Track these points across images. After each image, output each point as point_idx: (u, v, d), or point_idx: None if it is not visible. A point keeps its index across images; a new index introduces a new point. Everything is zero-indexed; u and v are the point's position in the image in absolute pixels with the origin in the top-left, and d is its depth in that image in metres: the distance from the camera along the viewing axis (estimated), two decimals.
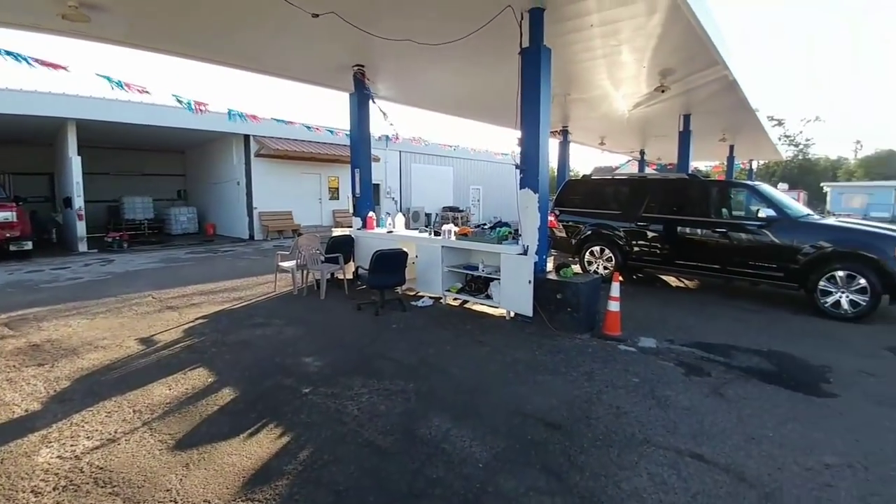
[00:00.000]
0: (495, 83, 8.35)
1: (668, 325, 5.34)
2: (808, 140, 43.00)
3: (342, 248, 6.91)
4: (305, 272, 6.77)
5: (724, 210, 7.21)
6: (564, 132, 13.38)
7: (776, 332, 5.13)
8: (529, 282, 5.21)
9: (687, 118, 11.17)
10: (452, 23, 5.51)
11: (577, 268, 6.99)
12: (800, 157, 40.31)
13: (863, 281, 5.54)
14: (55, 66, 5.82)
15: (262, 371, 3.83)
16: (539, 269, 5.33)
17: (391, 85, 8.52)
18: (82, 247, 12.20)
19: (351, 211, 7.75)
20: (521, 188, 5.46)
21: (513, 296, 5.41)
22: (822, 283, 5.82)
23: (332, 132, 13.60)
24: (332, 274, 6.62)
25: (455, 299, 6.27)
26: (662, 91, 8.06)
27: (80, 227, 12.22)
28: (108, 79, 6.99)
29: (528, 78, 5.32)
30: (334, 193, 17.90)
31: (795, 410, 3.25)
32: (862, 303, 5.55)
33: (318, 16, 5.18)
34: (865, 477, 2.52)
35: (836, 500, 2.33)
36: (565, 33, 5.86)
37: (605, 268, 8.01)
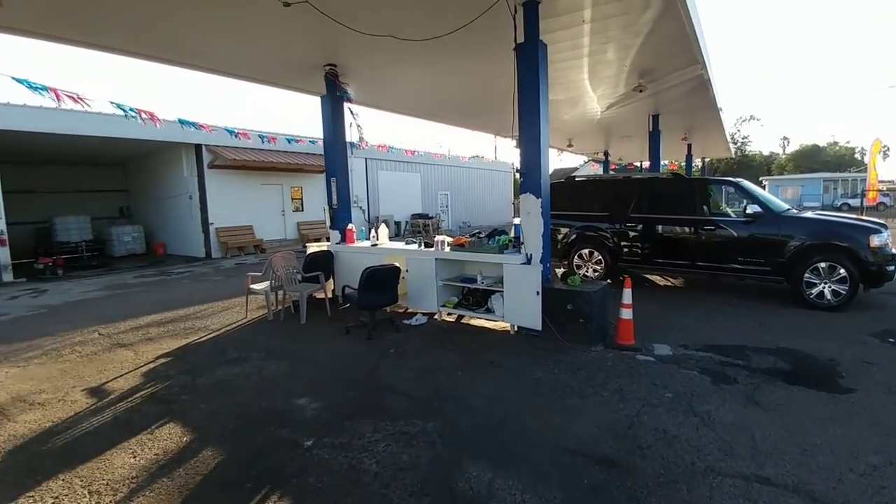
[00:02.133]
0: (478, 84, 8.03)
1: (673, 329, 5.14)
2: (745, 138, 46.03)
3: (321, 265, 6.24)
4: (281, 294, 6.06)
5: (711, 207, 7.21)
6: None
7: (775, 328, 5.15)
8: (537, 293, 4.81)
9: (656, 118, 11.29)
10: (439, 17, 5.09)
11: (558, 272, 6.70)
12: (739, 154, 43.01)
13: (843, 271, 5.71)
14: None
15: (249, 421, 3.18)
16: (544, 278, 4.96)
17: (364, 87, 7.95)
18: (6, 276, 10.71)
19: (328, 224, 7.09)
20: (521, 192, 5.08)
21: (519, 309, 4.99)
22: (806, 275, 5.93)
23: (290, 140, 12.76)
24: (312, 294, 5.96)
25: (451, 315, 5.78)
26: (641, 91, 7.98)
27: (3, 254, 10.73)
28: (27, 83, 6.01)
29: (525, 76, 4.98)
30: (298, 205, 16.95)
31: (828, 411, 3.21)
32: (842, 292, 5.73)
33: (289, 5, 4.58)
34: None
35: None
36: (555, 29, 5.58)
37: (595, 271, 7.80)
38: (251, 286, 6.05)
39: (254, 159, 14.33)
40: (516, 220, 5.45)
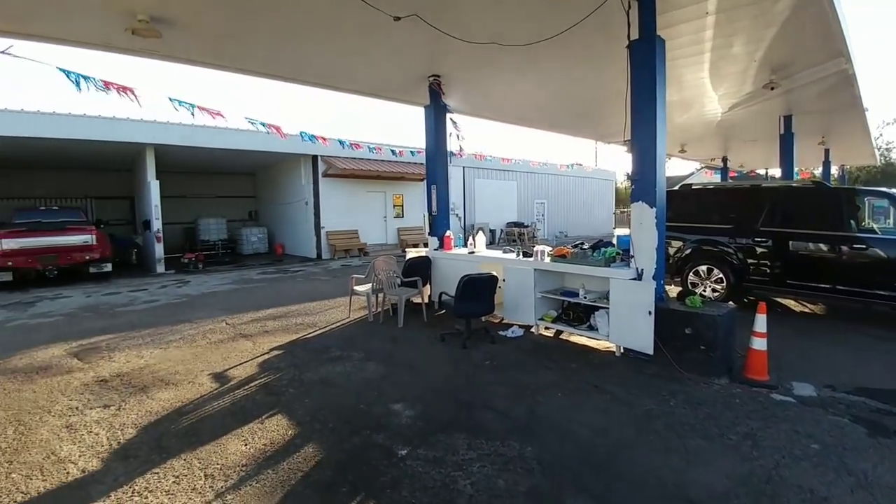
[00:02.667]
0: (581, 88, 7.68)
1: (816, 365, 4.34)
2: (888, 143, 38.49)
3: (419, 270, 6.34)
4: (382, 296, 6.26)
5: (860, 222, 6.07)
6: None
7: None
8: (650, 313, 4.33)
9: (789, 119, 9.81)
10: (544, 20, 4.92)
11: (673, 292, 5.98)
12: (883, 162, 36.01)
13: None
14: (124, 89, 5.76)
15: (347, 422, 3.24)
16: (658, 296, 4.46)
17: (463, 96, 8.01)
18: (160, 268, 12.62)
19: (426, 230, 7.21)
20: (633, 201, 4.65)
21: (627, 328, 4.55)
22: None
23: (393, 152, 13.36)
24: (409, 299, 6.06)
25: (548, 329, 5.48)
26: (772, 88, 6.99)
27: (158, 249, 12.67)
28: (181, 102, 6.95)
29: (641, 74, 4.59)
30: (399, 211, 17.70)
31: None
32: None
33: (399, 19, 4.72)
34: None
35: None
36: (674, 24, 5.08)
37: (714, 290, 6.91)
38: (354, 288, 6.33)
39: (361, 168, 15.26)
40: (618, 231, 5.02)
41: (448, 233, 6.97)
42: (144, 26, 4.68)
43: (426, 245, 7.06)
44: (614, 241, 5.46)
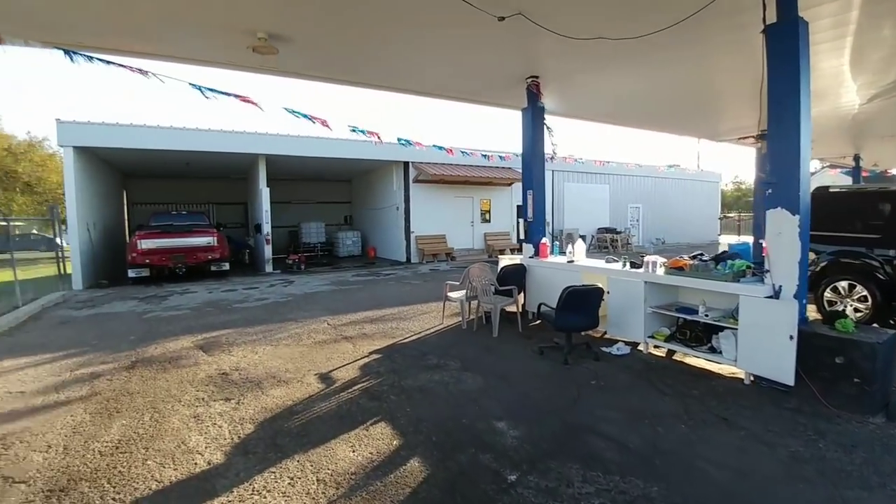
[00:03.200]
0: (690, 82, 7.05)
1: None
2: None
3: (514, 278, 6.14)
4: (474, 304, 6.16)
5: None
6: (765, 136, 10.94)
7: None
8: (791, 337, 3.73)
9: None
10: (660, 9, 4.50)
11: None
12: None
13: None
14: (247, 100, 6.25)
15: (450, 436, 3.15)
16: (800, 318, 3.83)
17: (560, 97, 7.70)
18: (268, 268, 13.75)
19: (521, 236, 6.99)
20: (770, 207, 4.05)
21: (760, 354, 3.96)
22: None
23: (485, 156, 13.30)
24: (504, 307, 5.88)
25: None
26: None
27: (268, 251, 13.82)
28: (297, 112, 7.45)
29: (779, 62, 4.02)
30: (486, 216, 17.62)
31: None
32: None
33: (504, 19, 4.59)
34: None
35: None
36: (812, 5, 4.40)
37: (857, 310, 5.89)
38: (448, 294, 6.30)
39: (451, 174, 15.42)
40: (725, 238, 4.39)
41: (544, 240, 6.69)
42: (263, 44, 5.06)
43: (514, 251, 6.89)
44: (725, 248, 4.83)
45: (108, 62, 5.18)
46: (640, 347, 5.07)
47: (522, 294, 6.50)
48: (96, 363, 5.00)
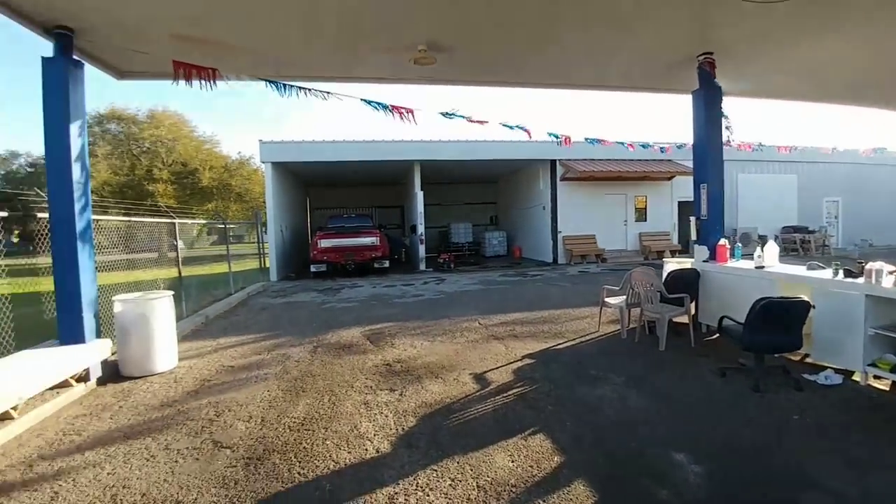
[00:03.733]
0: None
1: None
2: None
3: (684, 285, 5.38)
4: (637, 312, 5.58)
5: None
6: None
7: None
8: None
9: None
10: None
11: None
12: None
13: None
14: (408, 111, 6.61)
15: (618, 461, 2.82)
16: None
17: (739, 74, 6.51)
18: (422, 266, 14.65)
19: (693, 237, 6.12)
20: None
21: None
22: None
23: (645, 146, 12.04)
24: (671, 318, 5.18)
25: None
26: None
27: (421, 250, 14.74)
28: (452, 114, 7.67)
29: None
30: (641, 214, 16.11)
31: None
32: None
33: None
34: None
35: None
36: None
37: None
38: (606, 299, 5.82)
39: (601, 170, 14.45)
40: None
41: (722, 241, 5.73)
42: (423, 55, 5.30)
43: (674, 253, 6.02)
44: None
45: (300, 88, 6.00)
46: (857, 377, 3.97)
47: (693, 303, 5.67)
48: (287, 346, 5.85)
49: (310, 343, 5.90)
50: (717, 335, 5.26)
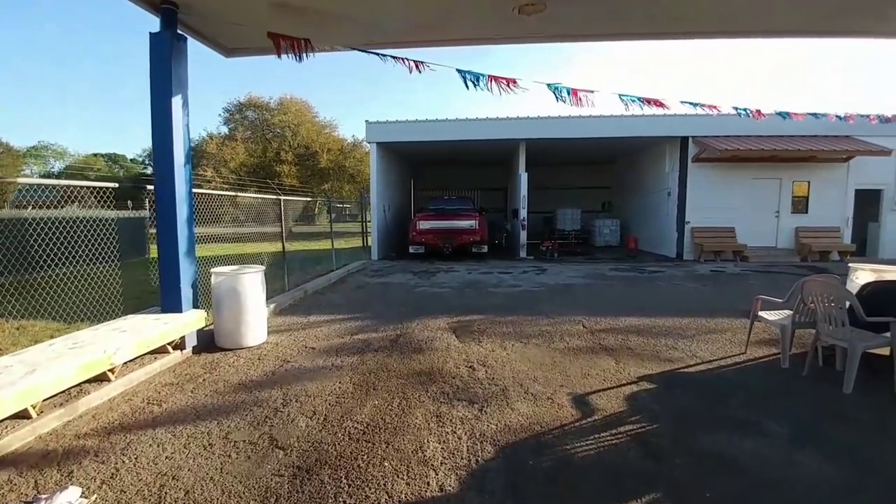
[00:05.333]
0: None
1: None
2: None
3: (890, 304, 3.83)
4: (799, 332, 4.17)
5: None
6: None
7: None
8: None
9: None
10: None
11: None
12: None
13: None
14: (512, 82, 5.78)
15: None
16: None
17: None
18: (522, 253, 13.73)
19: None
20: None
21: None
22: None
23: (816, 116, 9.54)
24: (867, 349, 3.72)
25: None
26: None
27: (523, 236, 13.80)
28: (556, 87, 6.65)
29: None
30: (800, 204, 13.18)
31: None
32: None
33: None
34: None
35: None
36: None
37: None
38: (760, 312, 4.47)
39: (749, 148, 11.98)
40: None
41: None
42: (529, 1, 4.43)
43: (844, 255, 4.35)
44: None
45: (394, 57, 5.49)
46: None
47: None
48: (370, 330, 5.53)
49: (394, 330, 5.51)
50: None
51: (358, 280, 9.69)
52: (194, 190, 5.43)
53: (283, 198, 8.11)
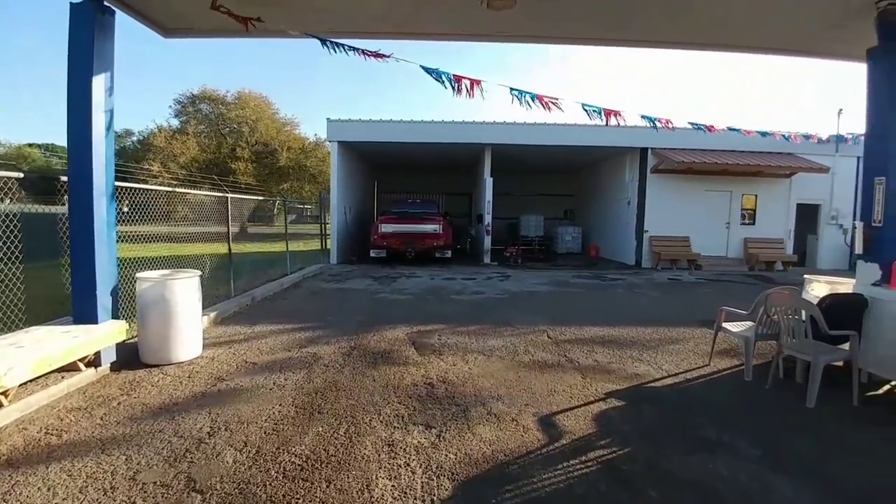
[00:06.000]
0: None
1: None
2: None
3: (848, 318, 3.81)
4: (761, 344, 4.12)
5: None
6: None
7: None
8: None
9: None
10: None
11: None
12: None
13: None
14: (473, 82, 5.55)
15: None
16: None
17: None
18: (486, 258, 13.55)
19: (859, 250, 4.46)
20: None
21: None
22: None
23: (764, 135, 9.90)
24: (827, 362, 3.67)
25: None
26: None
27: (487, 241, 13.63)
28: (520, 93, 6.49)
29: None
30: (748, 216, 13.71)
31: None
32: None
33: None
34: None
35: None
36: None
37: None
38: (724, 324, 4.39)
39: (704, 161, 12.37)
40: None
41: None
42: None
43: (787, 265, 4.41)
44: None
45: (351, 48, 5.11)
46: None
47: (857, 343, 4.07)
48: (322, 342, 5.09)
49: (347, 342, 5.09)
50: (888, 389, 3.73)
51: (313, 285, 9.16)
52: (123, 184, 4.85)
53: (229, 195, 7.51)
